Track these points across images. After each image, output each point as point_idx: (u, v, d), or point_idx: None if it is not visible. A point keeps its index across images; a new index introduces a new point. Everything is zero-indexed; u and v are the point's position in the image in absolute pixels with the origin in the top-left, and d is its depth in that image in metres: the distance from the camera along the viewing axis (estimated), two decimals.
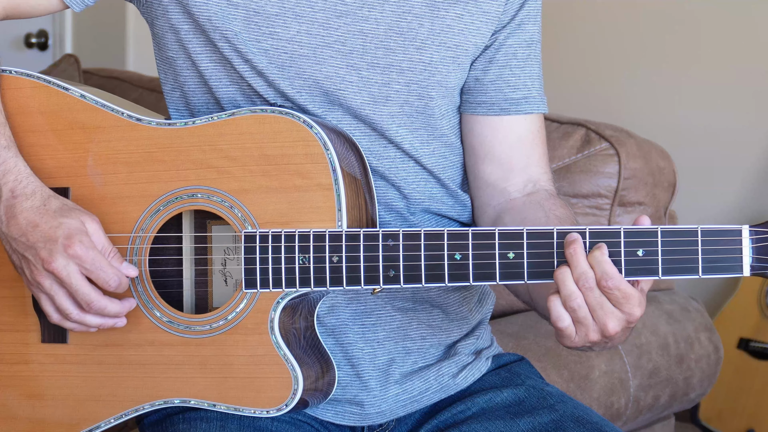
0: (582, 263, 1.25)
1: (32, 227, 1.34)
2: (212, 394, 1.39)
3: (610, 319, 1.26)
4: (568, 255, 1.25)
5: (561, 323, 1.27)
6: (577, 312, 1.26)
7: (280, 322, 1.36)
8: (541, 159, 1.54)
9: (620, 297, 1.25)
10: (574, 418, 1.46)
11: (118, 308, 1.37)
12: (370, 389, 1.47)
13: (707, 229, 1.25)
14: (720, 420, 3.25)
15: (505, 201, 1.51)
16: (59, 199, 1.38)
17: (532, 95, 1.52)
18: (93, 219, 1.37)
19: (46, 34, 4.31)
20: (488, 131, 1.52)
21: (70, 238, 1.33)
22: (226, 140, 1.37)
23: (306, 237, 1.33)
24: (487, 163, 1.52)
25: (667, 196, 2.31)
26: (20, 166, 1.38)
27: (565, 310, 1.26)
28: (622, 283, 1.25)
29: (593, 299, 1.25)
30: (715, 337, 2.34)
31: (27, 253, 1.35)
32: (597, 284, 1.25)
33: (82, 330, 1.39)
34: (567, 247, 1.26)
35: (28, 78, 1.44)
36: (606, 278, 1.24)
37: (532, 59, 1.52)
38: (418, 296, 1.49)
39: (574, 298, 1.25)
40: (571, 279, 1.25)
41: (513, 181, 1.52)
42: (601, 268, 1.25)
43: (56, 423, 1.44)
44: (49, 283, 1.35)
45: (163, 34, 1.45)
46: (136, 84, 3.20)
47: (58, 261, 1.33)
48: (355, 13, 1.42)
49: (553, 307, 1.27)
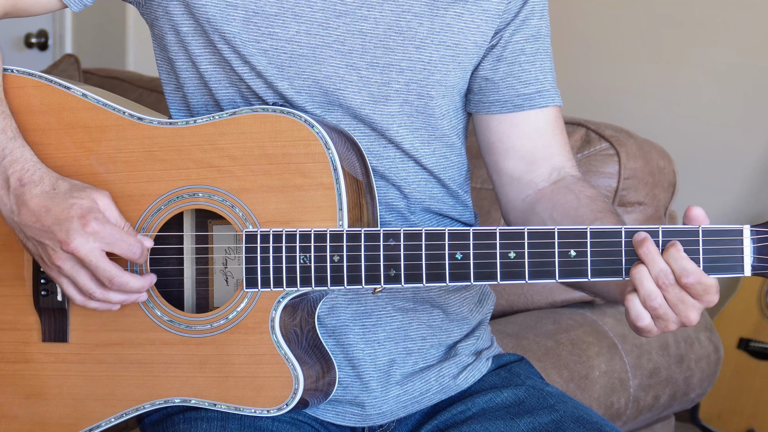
0: (659, 262, 1.24)
1: (45, 211, 1.34)
2: (213, 394, 1.39)
3: (692, 311, 1.26)
4: (643, 254, 1.24)
5: (641, 322, 1.27)
6: (658, 310, 1.25)
7: (281, 322, 1.36)
8: (563, 147, 1.53)
9: (701, 290, 1.25)
10: (574, 418, 1.46)
11: (141, 283, 1.36)
12: (370, 390, 1.47)
13: (708, 229, 1.25)
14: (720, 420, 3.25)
15: (534, 192, 1.51)
16: (67, 181, 1.37)
17: (545, 88, 1.51)
18: (104, 194, 1.36)
19: (46, 34, 4.31)
20: (506, 127, 1.52)
21: (84, 217, 1.33)
22: (227, 139, 1.37)
23: (307, 236, 1.33)
24: (509, 158, 1.52)
25: (667, 196, 2.31)
26: (27, 155, 1.38)
27: (645, 309, 1.26)
28: (702, 276, 1.24)
29: (674, 295, 1.25)
30: (715, 337, 2.34)
31: (43, 237, 1.34)
32: (677, 281, 1.24)
33: (106, 308, 1.38)
34: (639, 246, 1.25)
35: (30, 77, 1.44)
36: (686, 274, 1.24)
37: (542, 53, 1.52)
38: (418, 296, 1.49)
39: (654, 297, 1.25)
40: (649, 278, 1.24)
41: (538, 172, 1.51)
42: (679, 265, 1.24)
43: (56, 422, 1.44)
44: (70, 265, 1.34)
45: (163, 35, 1.45)
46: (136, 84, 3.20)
47: (76, 240, 1.32)
48: (354, 13, 1.42)
49: (633, 307, 1.26)
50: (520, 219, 1.52)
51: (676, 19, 3.59)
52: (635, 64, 3.68)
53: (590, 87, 3.77)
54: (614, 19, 3.73)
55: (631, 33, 3.69)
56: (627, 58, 3.70)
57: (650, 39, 3.65)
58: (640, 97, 3.67)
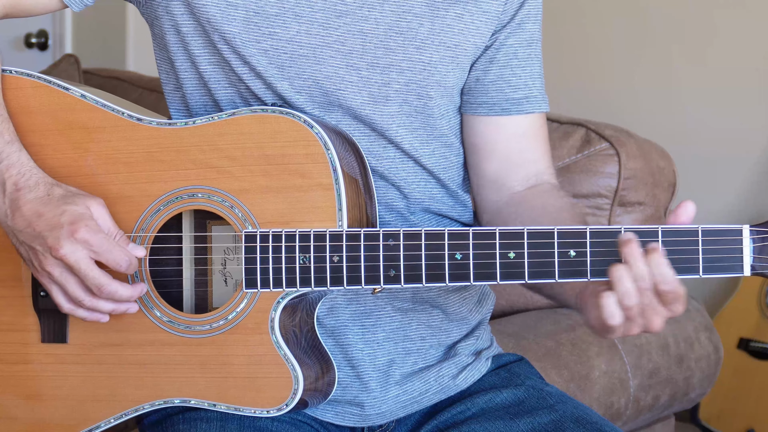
0: (641, 264, 1.24)
1: (37, 217, 1.34)
2: (212, 394, 1.39)
3: (657, 318, 1.26)
4: (626, 254, 1.24)
5: (613, 320, 1.26)
6: (631, 310, 1.25)
7: (280, 322, 1.36)
8: (544, 155, 1.54)
9: (672, 298, 1.25)
10: (574, 418, 1.46)
11: (130, 292, 1.36)
12: (370, 390, 1.47)
13: (708, 229, 1.25)
14: (720, 420, 3.25)
15: (507, 195, 1.51)
16: (62, 187, 1.37)
17: (533, 94, 1.52)
18: (98, 202, 1.36)
19: (46, 34, 4.31)
20: (490, 130, 1.52)
21: (75, 224, 1.33)
22: (226, 140, 1.37)
23: (306, 237, 1.33)
24: (490, 161, 1.52)
25: (667, 196, 2.31)
26: (23, 160, 1.38)
27: (620, 308, 1.26)
28: (677, 286, 1.25)
29: (647, 299, 1.25)
30: (715, 337, 2.34)
31: (34, 243, 1.34)
32: (654, 287, 1.24)
33: (95, 318, 1.38)
34: (623, 245, 1.25)
35: (28, 78, 1.44)
36: (665, 282, 1.24)
37: (533, 58, 1.52)
38: (417, 297, 1.49)
39: (631, 297, 1.25)
40: (628, 277, 1.24)
41: (515, 176, 1.52)
42: (659, 271, 1.24)
43: (56, 423, 1.44)
44: (59, 271, 1.34)
45: (163, 35, 1.45)
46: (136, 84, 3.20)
47: (65, 247, 1.32)
48: (354, 13, 1.42)
49: (607, 305, 1.26)
50: (491, 221, 1.52)
51: (677, 19, 3.59)
52: (635, 64, 3.68)
53: (590, 87, 3.77)
54: (614, 19, 3.73)
55: (632, 33, 3.69)
56: (627, 58, 3.70)
57: (650, 39, 3.65)
58: (641, 97, 3.66)
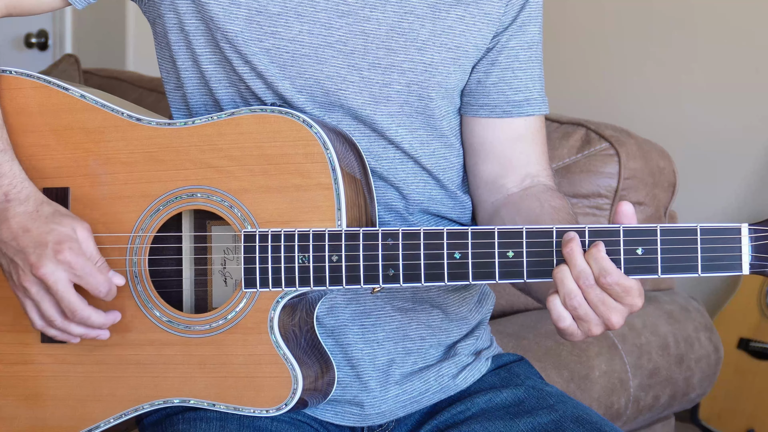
0: (580, 261, 1.25)
1: (23, 231, 1.34)
2: (212, 394, 1.39)
3: (613, 314, 1.26)
4: (566, 253, 1.25)
5: (562, 323, 1.27)
6: (577, 310, 1.26)
7: (279, 322, 1.36)
8: (541, 157, 1.54)
9: (621, 291, 1.25)
10: (574, 418, 1.46)
11: (102, 320, 1.37)
12: (370, 390, 1.47)
13: (706, 228, 1.25)
14: (720, 420, 3.25)
15: (503, 197, 1.51)
16: (52, 205, 1.38)
17: (533, 97, 1.52)
18: (84, 227, 1.36)
19: (46, 34, 4.31)
20: (489, 132, 1.52)
21: (60, 244, 1.33)
22: (225, 140, 1.37)
23: (305, 236, 1.33)
24: (487, 162, 1.52)
25: (667, 196, 2.31)
26: (15, 170, 1.38)
27: (566, 309, 1.26)
28: (621, 277, 1.25)
29: (594, 296, 1.25)
30: (715, 337, 2.34)
31: (16, 257, 1.35)
32: (596, 281, 1.25)
33: (64, 339, 1.39)
34: (564, 245, 1.26)
35: (28, 78, 1.44)
36: (605, 275, 1.24)
37: (534, 61, 1.52)
38: (417, 296, 1.49)
39: (574, 296, 1.25)
40: (569, 277, 1.25)
41: (511, 177, 1.52)
42: (598, 265, 1.24)
43: (56, 423, 1.44)
44: (36, 289, 1.35)
45: (165, 33, 1.45)
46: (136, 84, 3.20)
47: (47, 266, 1.33)
48: (357, 14, 1.42)
49: (554, 308, 1.27)
50: (486, 221, 1.52)
51: (677, 19, 3.59)
52: (635, 64, 3.68)
53: (590, 87, 3.77)
54: (614, 20, 3.73)
55: (632, 33, 3.69)
56: (627, 58, 3.70)
57: (650, 39, 3.65)
58: (640, 97, 3.67)
